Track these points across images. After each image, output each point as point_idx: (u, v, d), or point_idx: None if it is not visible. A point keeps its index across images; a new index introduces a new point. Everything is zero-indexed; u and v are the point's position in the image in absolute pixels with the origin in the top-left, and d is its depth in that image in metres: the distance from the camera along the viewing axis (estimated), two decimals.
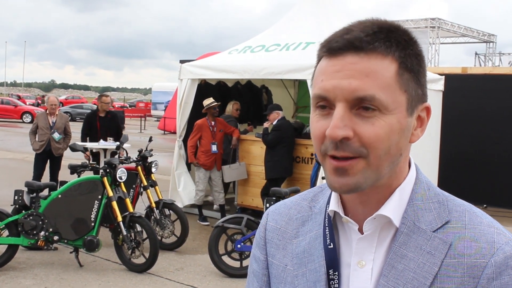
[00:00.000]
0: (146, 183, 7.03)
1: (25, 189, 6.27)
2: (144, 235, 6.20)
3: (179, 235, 7.14)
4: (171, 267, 6.49)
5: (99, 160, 8.83)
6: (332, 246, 1.00)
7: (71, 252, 6.41)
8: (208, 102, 8.32)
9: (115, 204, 6.15)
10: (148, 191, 7.06)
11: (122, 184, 6.33)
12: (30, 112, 33.02)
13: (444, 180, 9.14)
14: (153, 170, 7.18)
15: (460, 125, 10.55)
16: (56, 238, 6.19)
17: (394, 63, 0.91)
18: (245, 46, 9.23)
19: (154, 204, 7.03)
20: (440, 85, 9.09)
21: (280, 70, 7.99)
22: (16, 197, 6.23)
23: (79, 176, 6.51)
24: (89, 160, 8.87)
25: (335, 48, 0.92)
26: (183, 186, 9.02)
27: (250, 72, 8.38)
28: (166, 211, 7.20)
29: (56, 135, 8.96)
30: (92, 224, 6.20)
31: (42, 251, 6.64)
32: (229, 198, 9.59)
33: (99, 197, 6.25)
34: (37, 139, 9.07)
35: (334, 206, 1.01)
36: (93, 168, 6.63)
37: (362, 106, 0.90)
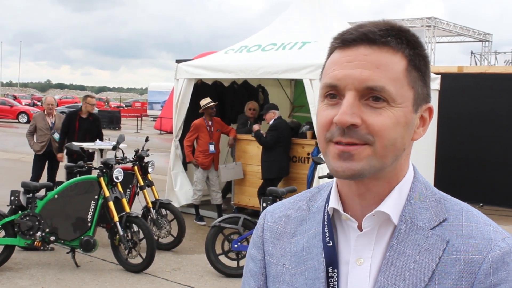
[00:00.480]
0: (142, 183, 7.02)
1: (21, 189, 6.26)
2: (141, 235, 6.20)
3: (176, 235, 7.14)
4: (168, 267, 6.48)
5: (92, 160, 8.76)
6: (331, 244, 1.01)
7: (67, 253, 6.40)
8: (205, 102, 8.32)
9: (111, 204, 6.14)
10: (145, 191, 7.05)
11: (119, 184, 6.32)
12: (26, 112, 32.97)
13: (440, 179, 9.17)
14: (149, 170, 7.17)
15: (456, 124, 10.58)
16: (52, 238, 6.18)
17: (404, 60, 0.95)
18: (241, 45, 9.23)
19: (150, 204, 7.03)
20: (436, 84, 9.11)
21: (277, 69, 7.99)
22: (12, 197, 6.22)
23: (75, 176, 6.51)
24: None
25: (349, 39, 0.96)
26: (180, 186, 9.01)
27: (246, 72, 8.38)
28: (163, 211, 7.19)
29: (56, 135, 8.94)
30: (89, 224, 6.19)
31: (38, 252, 6.62)
32: (226, 197, 9.59)
33: (96, 197, 6.25)
34: (36, 140, 9.05)
35: (334, 203, 1.02)
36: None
37: (371, 96, 0.92)
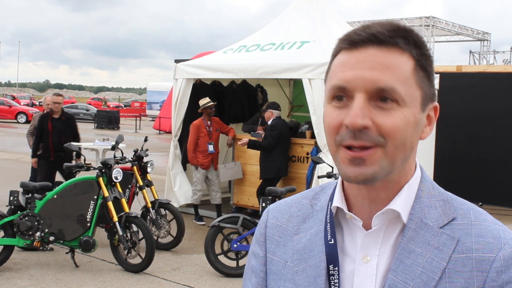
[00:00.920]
0: (141, 183, 7.02)
1: (20, 189, 6.26)
2: (140, 235, 6.19)
3: (175, 235, 7.14)
4: (167, 267, 6.48)
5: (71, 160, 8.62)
6: (333, 242, 1.01)
7: (67, 253, 6.40)
8: (204, 102, 8.32)
9: (110, 204, 6.14)
10: (144, 191, 7.05)
11: (118, 184, 6.32)
12: (24, 113, 32.96)
13: (439, 178, 9.15)
14: (148, 170, 7.17)
15: (455, 123, 10.58)
16: (51, 238, 6.18)
17: (412, 60, 0.95)
18: (240, 45, 9.23)
19: (150, 204, 7.02)
20: (435, 83, 9.12)
21: (275, 69, 7.99)
22: (11, 197, 6.22)
23: (74, 176, 6.51)
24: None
25: (358, 40, 0.95)
26: (179, 186, 9.01)
27: (245, 72, 8.38)
28: (162, 211, 7.19)
29: None
30: (88, 224, 6.19)
31: (38, 252, 6.62)
32: (225, 197, 9.59)
33: (95, 197, 6.24)
34: None
35: (338, 202, 1.02)
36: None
37: (381, 97, 0.92)
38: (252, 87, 10.56)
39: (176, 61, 13.62)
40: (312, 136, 8.17)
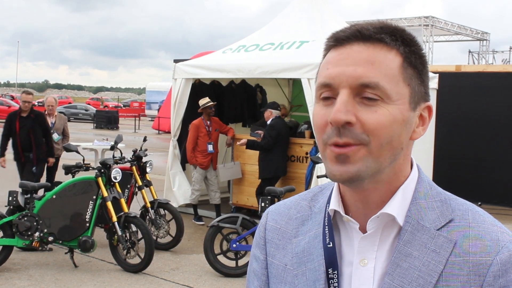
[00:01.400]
0: (140, 183, 7.02)
1: (19, 190, 6.25)
2: (139, 235, 6.18)
3: (174, 235, 7.13)
4: (166, 267, 6.48)
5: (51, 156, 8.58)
6: (331, 245, 1.00)
7: (66, 253, 6.39)
8: (204, 101, 8.31)
9: (109, 204, 6.14)
10: (143, 191, 7.05)
11: (117, 184, 6.31)
12: None
13: (438, 178, 9.17)
14: (147, 170, 7.17)
15: (454, 123, 10.59)
16: (51, 238, 6.17)
17: (399, 57, 0.94)
18: (239, 45, 9.22)
19: (149, 204, 7.02)
20: (434, 83, 9.12)
21: (275, 69, 7.99)
22: (10, 198, 6.21)
23: (73, 176, 6.50)
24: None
25: (343, 37, 0.95)
26: (178, 186, 9.00)
27: (244, 71, 8.37)
28: (161, 211, 7.19)
29: (55, 136, 8.90)
30: (87, 224, 6.18)
31: (37, 252, 6.61)
32: (224, 197, 9.58)
33: (94, 197, 6.24)
34: None
35: (335, 205, 1.01)
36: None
37: (365, 96, 0.91)
38: (251, 87, 10.56)
39: (175, 61, 13.64)
40: (311, 135, 8.17)
